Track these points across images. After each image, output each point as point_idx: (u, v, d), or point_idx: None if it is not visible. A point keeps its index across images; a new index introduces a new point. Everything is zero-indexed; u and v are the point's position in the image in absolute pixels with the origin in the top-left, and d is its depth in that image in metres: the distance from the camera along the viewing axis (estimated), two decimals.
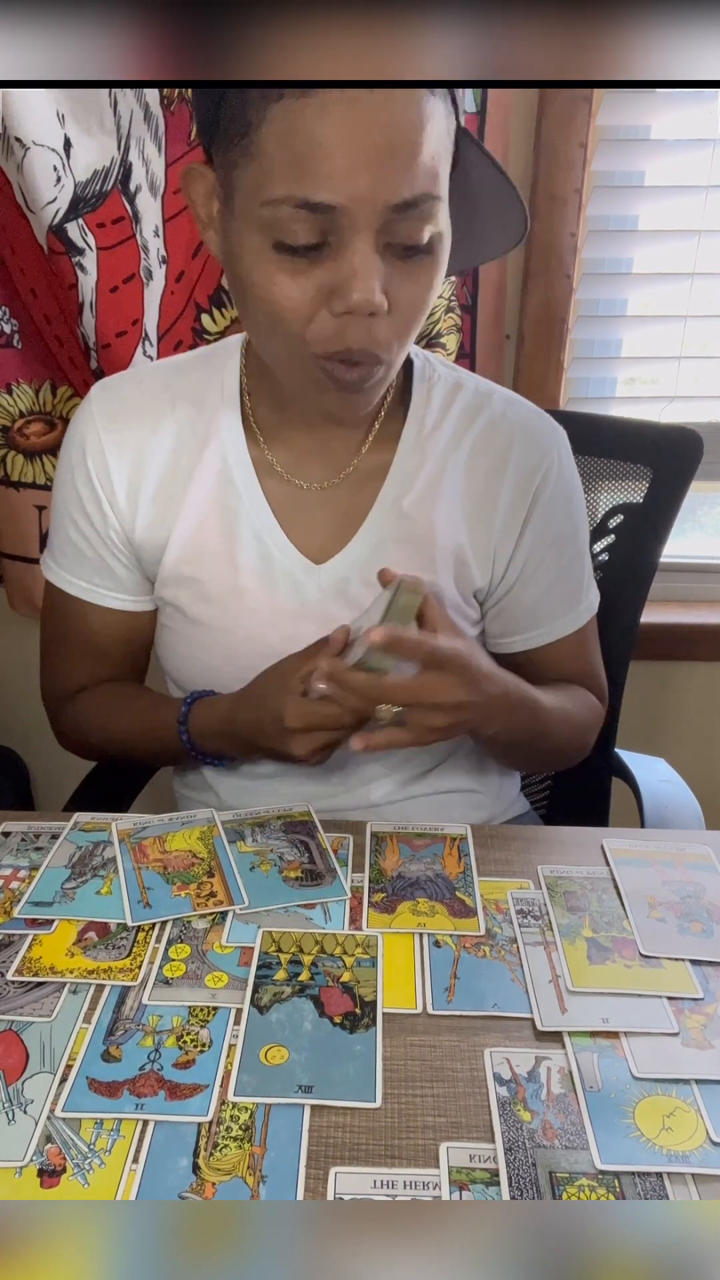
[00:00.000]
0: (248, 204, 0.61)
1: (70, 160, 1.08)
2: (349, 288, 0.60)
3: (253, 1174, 0.48)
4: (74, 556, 0.83)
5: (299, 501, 0.80)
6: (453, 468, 0.80)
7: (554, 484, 0.81)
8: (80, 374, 1.25)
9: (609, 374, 1.36)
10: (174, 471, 0.79)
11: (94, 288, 1.14)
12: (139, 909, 0.65)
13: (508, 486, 0.80)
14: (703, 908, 0.67)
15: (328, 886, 0.68)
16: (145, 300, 1.17)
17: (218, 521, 0.80)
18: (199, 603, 0.81)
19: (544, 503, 0.81)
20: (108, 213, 1.12)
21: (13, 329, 1.24)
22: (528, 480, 0.80)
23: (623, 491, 1.01)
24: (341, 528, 0.80)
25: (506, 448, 0.80)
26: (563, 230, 1.20)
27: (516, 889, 0.69)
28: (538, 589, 0.83)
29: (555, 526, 0.82)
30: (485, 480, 0.80)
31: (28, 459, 1.32)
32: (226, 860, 0.71)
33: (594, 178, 1.20)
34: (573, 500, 0.84)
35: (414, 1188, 0.48)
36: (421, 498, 0.79)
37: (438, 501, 0.79)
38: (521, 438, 0.80)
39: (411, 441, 0.80)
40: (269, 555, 0.79)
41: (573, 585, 0.85)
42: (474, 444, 0.80)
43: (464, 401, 0.81)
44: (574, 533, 0.84)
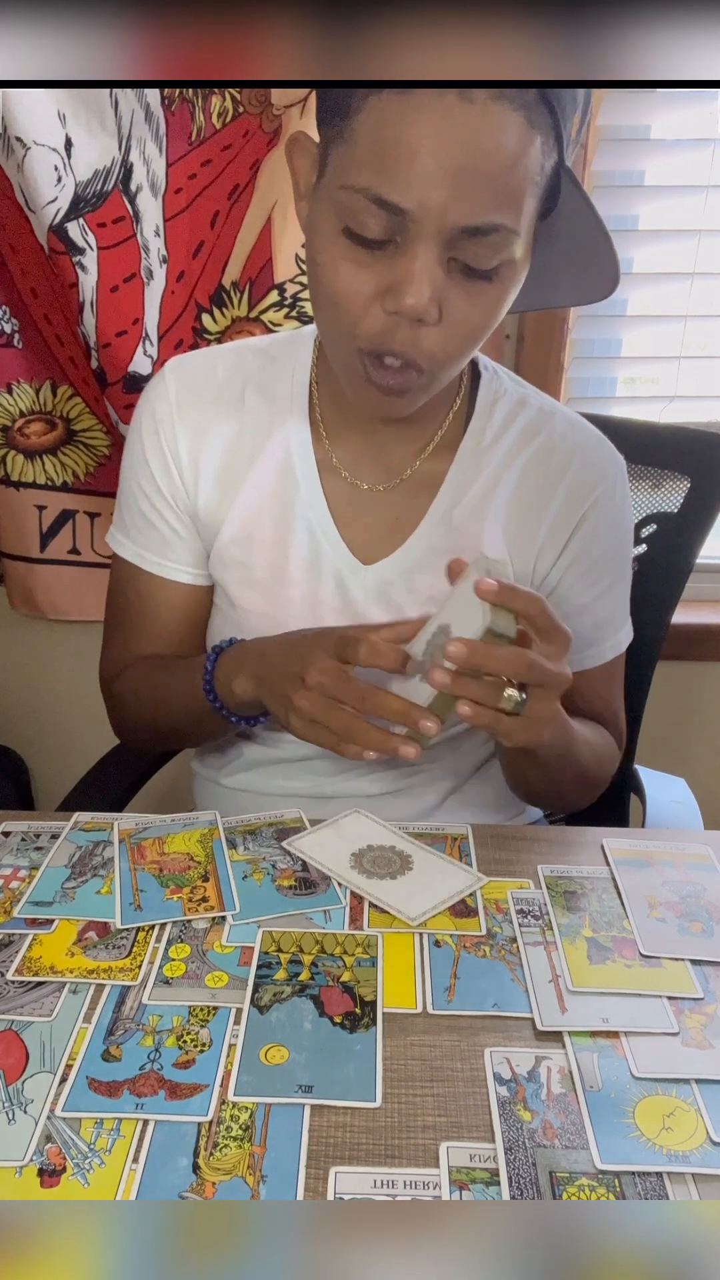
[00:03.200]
0: (331, 184, 0.62)
1: (71, 160, 1.08)
2: (403, 290, 0.60)
3: (253, 1174, 0.48)
4: (144, 529, 0.84)
5: (355, 501, 0.80)
6: (504, 483, 0.80)
7: (602, 511, 0.81)
8: (80, 374, 1.25)
9: (609, 374, 1.36)
10: (237, 455, 0.80)
11: (94, 287, 1.14)
12: (129, 911, 0.65)
13: (555, 508, 0.80)
14: (703, 908, 0.67)
15: (321, 895, 0.68)
16: (146, 300, 1.17)
17: (274, 509, 0.80)
18: (244, 587, 0.82)
19: (589, 528, 0.80)
20: (108, 212, 1.12)
21: (13, 329, 1.24)
22: (577, 504, 0.80)
23: (658, 500, 1.00)
24: (393, 532, 0.80)
25: (562, 470, 0.80)
26: None
27: (516, 889, 0.69)
28: (568, 614, 0.82)
29: (596, 553, 0.82)
30: (533, 499, 0.80)
31: (28, 459, 1.32)
32: (223, 865, 0.70)
33: (594, 178, 1.20)
34: (619, 531, 0.83)
35: (414, 1188, 0.48)
36: (472, 510, 0.79)
37: (486, 515, 0.79)
38: (579, 462, 0.80)
39: (469, 454, 0.80)
40: (319, 549, 0.80)
41: (606, 616, 0.84)
42: (528, 462, 0.80)
43: (526, 419, 0.81)
44: (613, 563, 0.84)
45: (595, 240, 0.67)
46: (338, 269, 0.63)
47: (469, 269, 0.62)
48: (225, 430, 0.80)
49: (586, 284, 0.71)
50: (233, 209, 1.15)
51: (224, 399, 0.81)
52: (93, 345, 1.18)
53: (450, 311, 0.63)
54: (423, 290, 0.60)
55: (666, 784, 1.01)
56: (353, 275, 0.62)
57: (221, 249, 1.17)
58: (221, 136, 1.12)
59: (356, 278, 0.62)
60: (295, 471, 0.80)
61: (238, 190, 1.14)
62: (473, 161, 0.57)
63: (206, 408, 0.80)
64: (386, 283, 0.62)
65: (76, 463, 1.33)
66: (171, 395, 0.81)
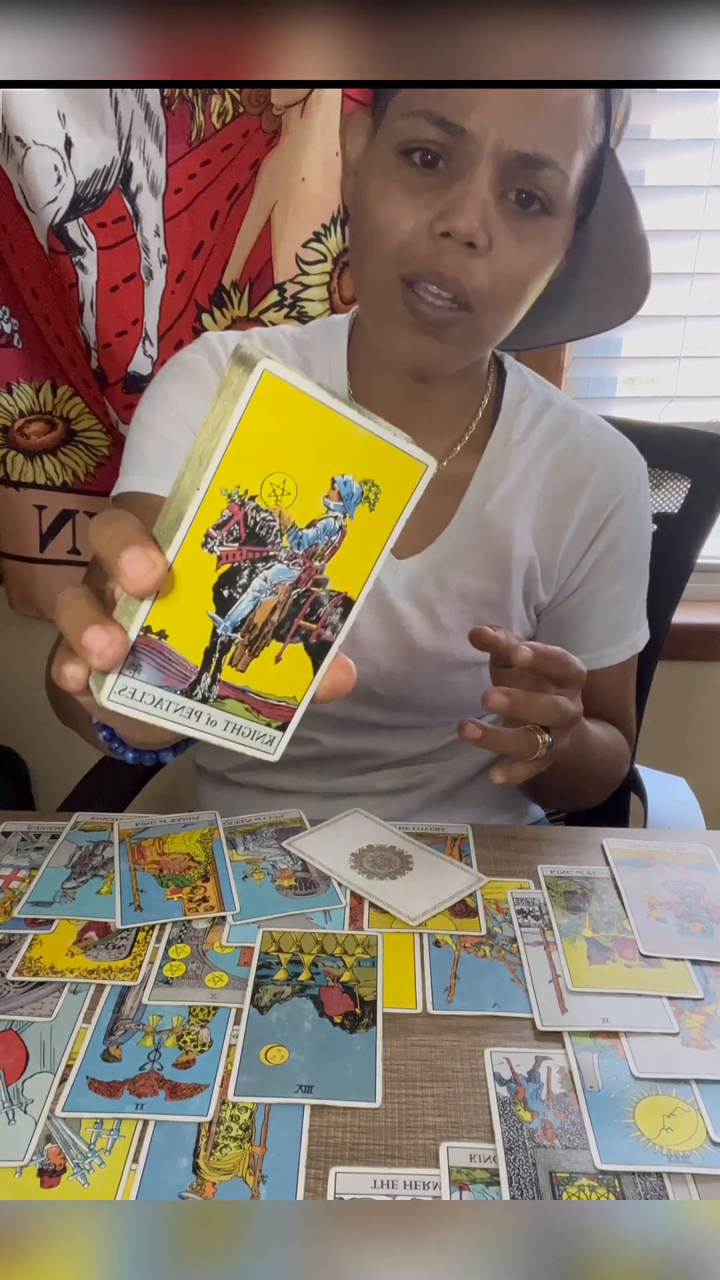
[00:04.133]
0: (390, 123, 0.63)
1: (71, 160, 1.08)
2: (456, 211, 0.60)
3: (253, 1174, 0.48)
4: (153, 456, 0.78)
5: None
6: (533, 483, 0.80)
7: (627, 512, 0.81)
8: (80, 374, 1.25)
9: (609, 374, 1.36)
10: None
11: (94, 287, 1.14)
12: (129, 911, 0.65)
13: (580, 509, 0.80)
14: (703, 908, 0.67)
15: (322, 895, 0.68)
16: (145, 300, 1.17)
17: None
18: None
19: (613, 529, 0.81)
20: (108, 212, 1.12)
21: (13, 329, 1.24)
22: (601, 506, 0.80)
23: (659, 501, 1.00)
24: (425, 527, 0.80)
25: (587, 471, 0.80)
26: None
27: (516, 889, 0.69)
28: (589, 612, 0.83)
29: (618, 554, 0.82)
30: (559, 499, 0.80)
31: (28, 459, 1.32)
32: (223, 865, 0.70)
33: None
34: (641, 532, 0.84)
35: (414, 1188, 0.48)
36: (502, 506, 0.80)
37: (516, 512, 0.80)
38: (604, 464, 0.81)
39: (498, 449, 0.80)
40: None
41: (624, 616, 0.85)
42: (554, 462, 0.80)
43: (551, 419, 0.81)
44: (635, 564, 0.85)
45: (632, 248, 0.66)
46: (389, 195, 0.63)
47: (522, 199, 0.62)
48: None
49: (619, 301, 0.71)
50: (233, 209, 1.15)
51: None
52: (93, 345, 1.18)
53: (499, 245, 0.62)
54: (475, 212, 0.60)
55: (667, 783, 1.01)
56: (404, 201, 0.62)
57: (221, 249, 1.17)
58: (221, 136, 1.12)
59: (408, 203, 0.62)
60: None
61: (238, 190, 1.14)
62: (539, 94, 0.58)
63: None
64: (439, 208, 0.61)
65: (76, 463, 1.33)
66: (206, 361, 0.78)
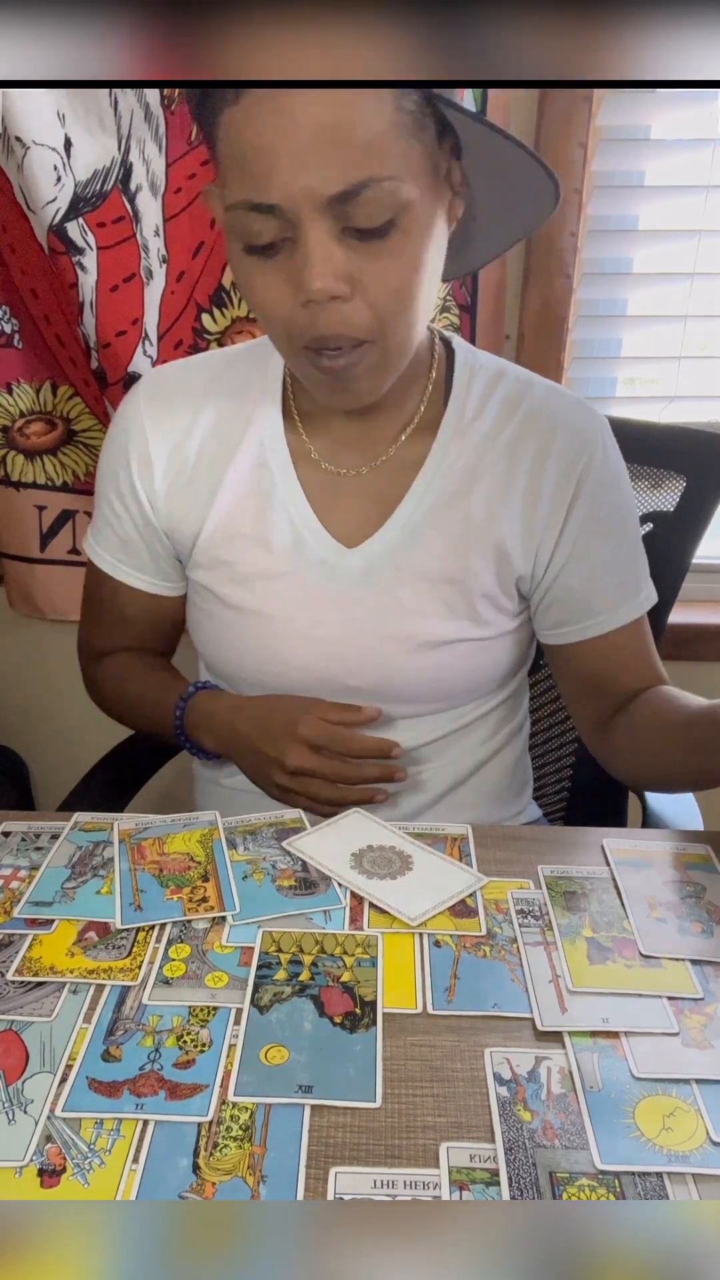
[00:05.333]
0: (222, 212, 0.65)
1: (70, 160, 1.08)
2: (307, 278, 0.62)
3: (253, 1174, 0.48)
4: (107, 533, 0.88)
5: (334, 488, 0.81)
6: (493, 458, 0.80)
7: (597, 471, 0.81)
8: (80, 374, 1.25)
9: (609, 374, 1.36)
10: (213, 456, 0.82)
11: (94, 287, 1.14)
12: (129, 911, 0.65)
13: (550, 477, 0.80)
14: (703, 908, 0.67)
15: (322, 895, 0.68)
16: (145, 300, 1.17)
17: (253, 505, 0.82)
18: (231, 585, 0.83)
19: (588, 491, 0.80)
20: (108, 212, 1.12)
21: (13, 329, 1.24)
22: (570, 469, 0.80)
23: (655, 500, 1.00)
24: (376, 513, 0.81)
25: (549, 438, 0.80)
26: (563, 230, 1.20)
27: (516, 889, 0.69)
28: (586, 577, 0.82)
29: (601, 514, 0.81)
30: (528, 471, 0.80)
31: (28, 459, 1.32)
32: (223, 865, 0.70)
33: (594, 178, 1.20)
34: (618, 488, 0.83)
35: (414, 1188, 0.48)
36: (458, 486, 0.80)
37: (474, 491, 0.80)
38: (564, 427, 0.80)
39: (451, 430, 0.80)
40: (301, 539, 0.81)
41: (625, 574, 0.84)
42: (515, 434, 0.80)
43: (505, 390, 0.81)
44: (621, 521, 0.83)
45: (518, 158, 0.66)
46: (252, 285, 0.66)
47: (363, 232, 0.62)
48: (199, 432, 0.82)
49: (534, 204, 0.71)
50: None
51: (196, 402, 0.83)
52: (93, 345, 1.18)
53: (364, 279, 0.64)
54: (324, 269, 0.62)
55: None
56: (265, 285, 0.65)
57: (221, 249, 1.17)
58: None
59: (269, 286, 0.65)
60: (270, 465, 0.81)
61: None
62: (314, 135, 0.58)
63: (179, 413, 0.82)
64: (294, 279, 0.63)
65: (76, 463, 1.33)
66: (143, 405, 0.83)
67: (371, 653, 0.81)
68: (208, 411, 0.82)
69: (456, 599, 0.80)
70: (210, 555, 0.83)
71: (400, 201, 0.62)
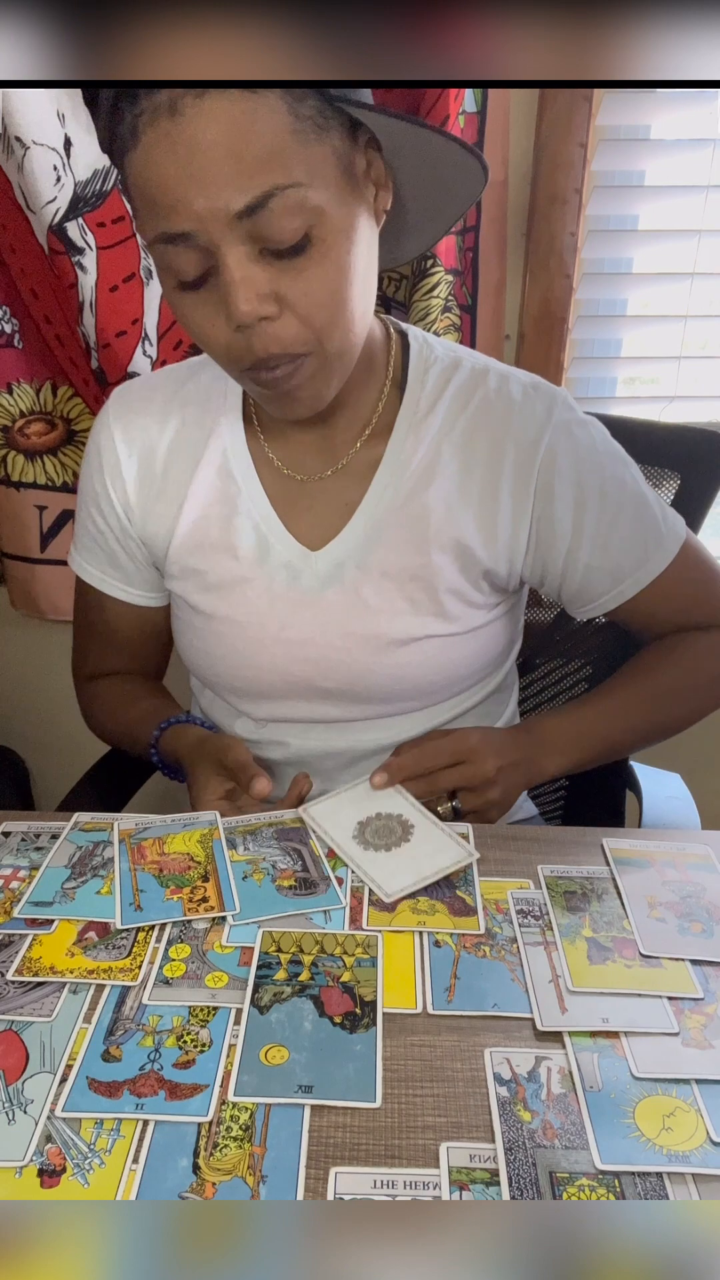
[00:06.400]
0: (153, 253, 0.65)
1: (70, 160, 1.08)
2: (232, 304, 0.63)
3: (253, 1174, 0.48)
4: (90, 548, 0.90)
5: (297, 493, 0.82)
6: (448, 451, 0.79)
7: (564, 447, 0.79)
8: (80, 374, 1.25)
9: (609, 374, 1.36)
10: (179, 466, 0.83)
11: (94, 287, 1.14)
12: (130, 911, 0.65)
13: (509, 462, 0.78)
14: (703, 908, 0.67)
15: (322, 895, 0.68)
16: (145, 300, 1.17)
17: (218, 513, 0.83)
18: (202, 593, 0.84)
19: (562, 470, 0.78)
20: (108, 212, 1.12)
21: (13, 329, 1.24)
22: (530, 451, 0.78)
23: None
24: (339, 516, 0.81)
25: (504, 424, 0.79)
26: (563, 230, 1.20)
27: (516, 889, 0.69)
28: (595, 550, 0.81)
29: (588, 485, 0.79)
30: (485, 460, 0.79)
31: (28, 459, 1.32)
32: (223, 865, 0.70)
33: (594, 178, 1.20)
34: (595, 454, 0.80)
35: (414, 1188, 0.48)
36: (415, 483, 0.80)
37: (432, 486, 0.79)
38: (519, 411, 0.79)
39: (405, 427, 0.80)
40: (267, 544, 0.82)
41: (638, 531, 0.81)
42: (469, 424, 0.79)
43: (459, 382, 0.81)
44: (616, 482, 0.81)
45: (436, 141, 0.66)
46: (189, 318, 0.67)
47: (280, 251, 0.62)
48: (165, 443, 0.84)
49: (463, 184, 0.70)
50: None
51: (162, 414, 0.84)
52: (93, 345, 1.18)
53: (290, 294, 0.64)
54: (246, 294, 0.62)
55: (662, 780, 1.01)
56: (199, 317, 0.66)
57: None
58: None
59: (205, 318, 0.66)
60: (234, 472, 0.82)
61: None
62: (204, 156, 0.58)
63: (146, 426, 0.84)
64: (224, 307, 0.64)
65: (77, 463, 1.33)
66: (112, 421, 0.85)
67: (341, 653, 0.81)
68: (172, 423, 0.84)
69: (421, 595, 0.80)
70: (181, 565, 0.84)
71: (311, 209, 0.61)
